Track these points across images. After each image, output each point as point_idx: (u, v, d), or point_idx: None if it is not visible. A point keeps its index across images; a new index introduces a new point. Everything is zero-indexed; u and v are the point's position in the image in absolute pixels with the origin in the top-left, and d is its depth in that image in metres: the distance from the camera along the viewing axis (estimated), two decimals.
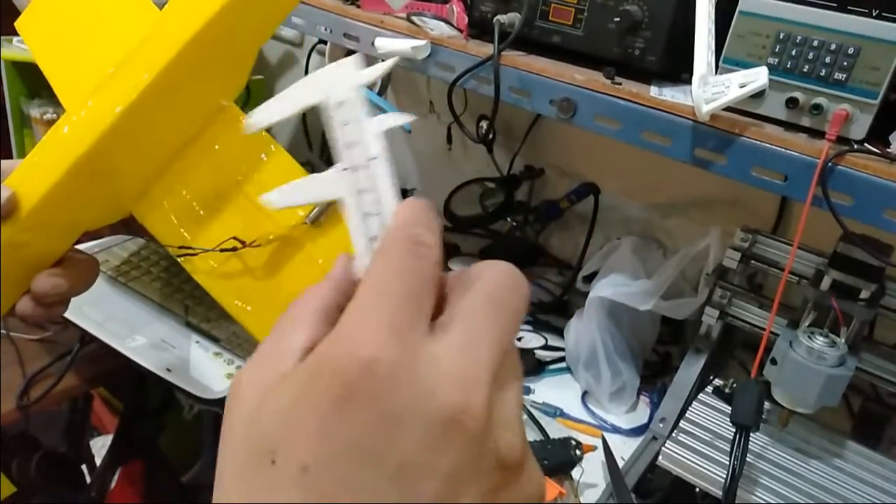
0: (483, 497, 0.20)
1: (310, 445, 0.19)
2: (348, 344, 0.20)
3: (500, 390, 0.21)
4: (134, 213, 0.46)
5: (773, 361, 0.69)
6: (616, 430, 0.87)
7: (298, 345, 0.22)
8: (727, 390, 0.79)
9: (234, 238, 0.45)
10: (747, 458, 0.66)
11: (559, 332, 1.00)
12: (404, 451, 0.19)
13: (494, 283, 0.24)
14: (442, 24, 0.84)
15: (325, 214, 0.46)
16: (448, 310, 0.23)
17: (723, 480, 0.65)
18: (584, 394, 0.93)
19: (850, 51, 0.59)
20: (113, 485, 1.26)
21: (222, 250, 0.44)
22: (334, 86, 0.30)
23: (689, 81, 0.63)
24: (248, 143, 0.47)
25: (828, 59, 0.60)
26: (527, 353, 0.96)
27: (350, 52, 1.14)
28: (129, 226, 1.07)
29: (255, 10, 0.47)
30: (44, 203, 0.39)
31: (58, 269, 0.42)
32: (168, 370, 0.84)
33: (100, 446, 1.34)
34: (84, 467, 1.28)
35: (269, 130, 0.37)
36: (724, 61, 0.65)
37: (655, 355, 1.01)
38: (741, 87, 0.61)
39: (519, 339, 0.96)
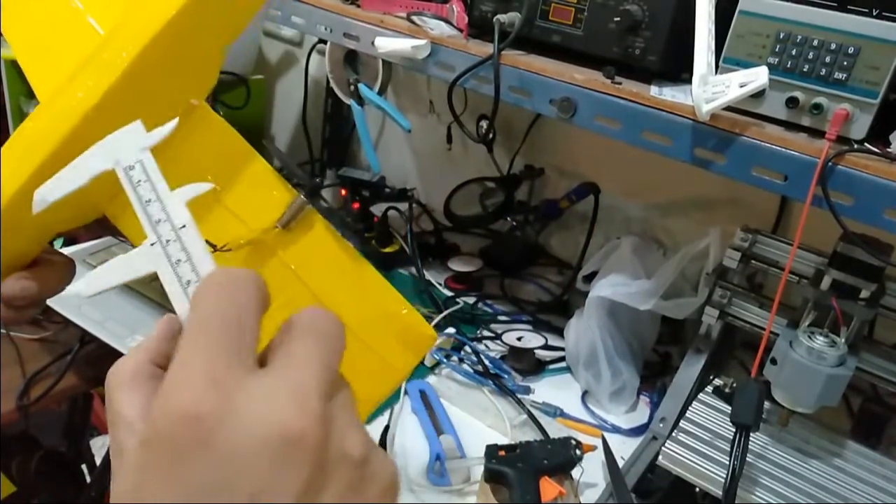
0: (343, 497, 0.22)
1: None
2: (172, 401, 0.21)
3: (331, 400, 0.23)
4: (106, 213, 0.45)
5: (773, 361, 0.69)
6: (616, 429, 0.87)
7: (132, 416, 0.25)
8: (727, 390, 0.79)
9: (206, 241, 0.45)
10: (747, 458, 0.66)
11: (559, 332, 1.00)
12: (252, 480, 0.20)
13: (308, 316, 0.26)
14: (442, 23, 0.84)
15: (297, 219, 0.45)
16: (272, 348, 0.25)
17: (723, 480, 0.65)
18: (584, 394, 0.93)
19: (850, 50, 0.59)
20: None
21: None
22: (122, 150, 0.30)
23: (689, 81, 0.63)
24: (219, 145, 0.46)
25: (828, 59, 0.60)
26: (527, 353, 0.96)
27: (350, 52, 1.14)
28: (105, 226, 1.08)
29: (220, 5, 0.46)
30: (11, 205, 0.38)
31: (28, 271, 0.42)
32: None
33: (100, 446, 1.34)
34: (84, 467, 1.28)
35: (269, 134, 0.36)
36: (725, 61, 0.65)
37: (655, 355, 1.01)
38: (741, 86, 0.61)
39: (519, 339, 0.96)
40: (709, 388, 0.80)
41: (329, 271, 0.46)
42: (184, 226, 0.29)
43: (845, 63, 0.59)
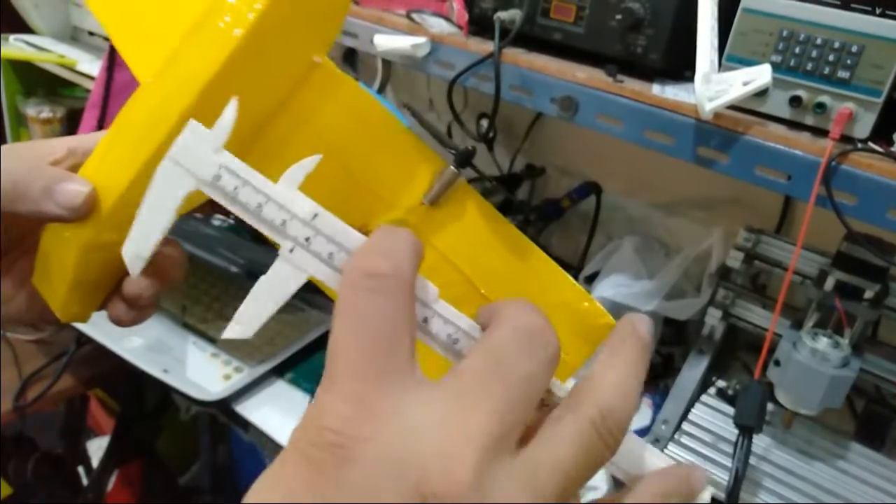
0: None
1: None
2: (317, 417, 0.19)
3: (495, 468, 0.18)
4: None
5: (777, 363, 0.68)
6: None
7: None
8: (730, 392, 0.78)
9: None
10: (750, 461, 0.66)
11: None
12: None
13: (505, 338, 0.20)
14: (442, 21, 0.83)
15: (446, 194, 0.38)
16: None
17: (726, 483, 0.64)
18: None
19: (854, 49, 0.58)
20: (110, 487, 1.25)
21: None
22: (194, 164, 0.26)
23: (691, 79, 0.62)
24: (349, 108, 0.38)
25: (831, 58, 0.59)
26: None
27: (350, 50, 1.13)
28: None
29: None
30: (127, 195, 0.32)
31: (147, 267, 0.37)
32: (165, 371, 0.83)
33: (96, 448, 1.33)
34: (81, 469, 1.27)
35: None
36: (727, 59, 0.64)
37: (658, 356, 1.01)
38: (744, 85, 0.60)
39: None
40: (711, 390, 0.80)
41: (488, 255, 0.38)
42: (315, 215, 0.25)
43: (849, 62, 0.59)
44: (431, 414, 0.19)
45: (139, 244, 0.27)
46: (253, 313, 0.25)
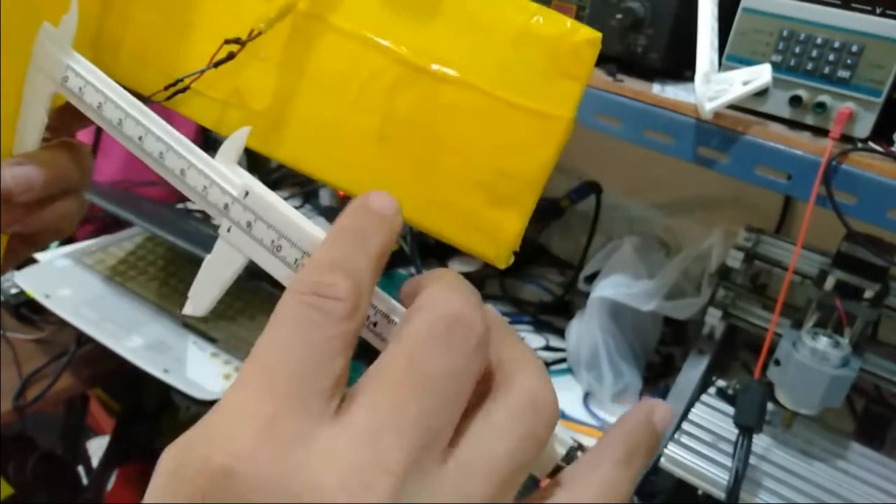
0: None
1: None
2: (207, 442, 0.16)
3: (416, 486, 0.16)
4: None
5: (777, 362, 0.68)
6: None
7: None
8: (730, 391, 0.78)
9: (227, 41, 0.28)
10: (750, 460, 0.66)
11: (560, 333, 0.99)
12: None
13: (420, 334, 0.18)
14: None
15: None
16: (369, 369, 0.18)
17: (726, 482, 0.64)
18: (586, 395, 0.93)
19: (854, 48, 0.58)
20: (110, 486, 1.25)
21: (216, 64, 0.29)
22: (49, 64, 0.25)
23: (691, 79, 0.62)
24: None
25: (831, 57, 0.59)
26: None
27: None
28: (102, 227, 1.06)
29: None
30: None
31: (25, 155, 0.29)
32: (165, 371, 0.83)
33: (96, 448, 1.33)
34: (81, 469, 1.27)
35: None
36: (728, 59, 0.64)
37: (658, 356, 1.01)
38: (744, 84, 0.60)
39: None
40: (711, 390, 0.80)
41: (408, 18, 0.28)
42: (246, 193, 0.23)
43: (849, 61, 0.59)
44: (342, 442, 0.17)
45: (21, 142, 0.28)
46: (201, 294, 0.24)
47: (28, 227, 0.30)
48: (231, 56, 0.28)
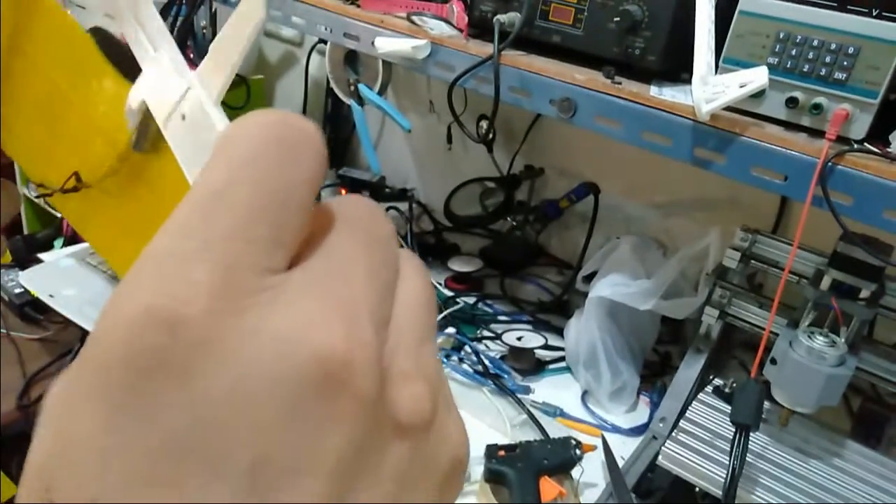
0: (401, 481, 0.14)
1: (84, 475, 0.12)
2: (137, 292, 0.13)
3: (385, 328, 0.15)
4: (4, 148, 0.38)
5: (773, 361, 0.69)
6: (616, 429, 0.87)
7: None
8: (727, 390, 0.79)
9: (75, 176, 0.36)
10: (747, 458, 0.66)
11: (559, 332, 1.00)
12: (259, 434, 0.12)
13: (352, 211, 0.16)
14: (442, 23, 0.84)
15: (146, 139, 0.36)
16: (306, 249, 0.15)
17: (723, 480, 0.65)
18: (584, 393, 0.93)
19: (850, 50, 0.59)
20: None
21: (64, 191, 0.38)
22: None
23: (689, 81, 0.63)
24: (60, 40, 0.37)
25: (828, 59, 0.60)
26: (527, 353, 0.96)
27: (351, 52, 1.14)
28: None
29: None
30: None
31: None
32: None
33: None
34: None
35: None
36: (725, 61, 0.65)
37: (655, 355, 1.01)
38: (741, 86, 0.61)
39: (519, 339, 0.96)
40: (709, 388, 0.80)
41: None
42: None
43: (845, 63, 0.59)
44: (309, 279, 0.14)
45: None
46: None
47: None
48: (76, 188, 0.39)
